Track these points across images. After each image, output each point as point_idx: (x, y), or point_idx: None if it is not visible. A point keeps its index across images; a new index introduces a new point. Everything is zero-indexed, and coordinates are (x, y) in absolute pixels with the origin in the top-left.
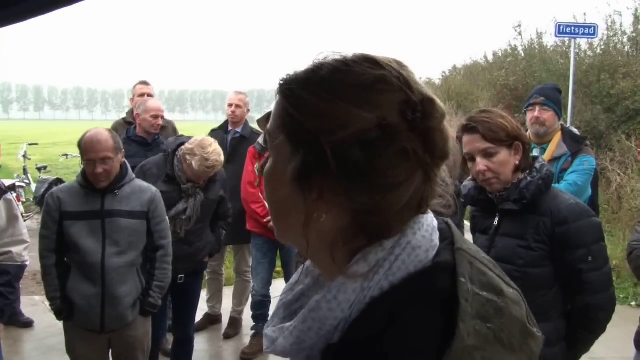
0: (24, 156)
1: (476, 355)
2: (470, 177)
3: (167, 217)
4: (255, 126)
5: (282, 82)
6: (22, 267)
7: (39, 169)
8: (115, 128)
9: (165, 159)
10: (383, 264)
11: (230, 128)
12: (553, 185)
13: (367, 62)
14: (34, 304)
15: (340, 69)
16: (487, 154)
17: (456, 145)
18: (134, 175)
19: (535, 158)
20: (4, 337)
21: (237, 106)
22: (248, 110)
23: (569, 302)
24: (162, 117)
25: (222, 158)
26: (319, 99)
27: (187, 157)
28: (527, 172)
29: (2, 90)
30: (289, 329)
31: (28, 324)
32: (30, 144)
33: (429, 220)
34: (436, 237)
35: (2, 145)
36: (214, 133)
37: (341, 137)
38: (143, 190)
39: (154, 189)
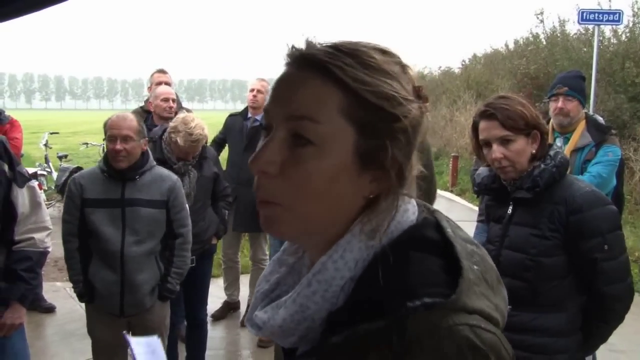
0: (46, 145)
1: (476, 289)
2: (484, 164)
3: (186, 206)
4: None
5: (332, 66)
6: (44, 254)
7: (60, 158)
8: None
9: (154, 146)
10: (383, 224)
11: (249, 115)
12: (576, 176)
13: (390, 52)
14: (56, 290)
15: (383, 58)
16: (504, 142)
17: None
18: (154, 163)
19: (550, 145)
20: (27, 322)
21: (259, 91)
22: (266, 98)
23: (584, 292)
24: (174, 100)
25: (206, 131)
26: (389, 87)
27: (172, 135)
28: (541, 160)
29: (24, 81)
30: (291, 298)
31: (50, 309)
32: (51, 133)
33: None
34: (414, 202)
35: (24, 134)
36: (232, 118)
37: (410, 119)
38: (164, 178)
39: (174, 177)
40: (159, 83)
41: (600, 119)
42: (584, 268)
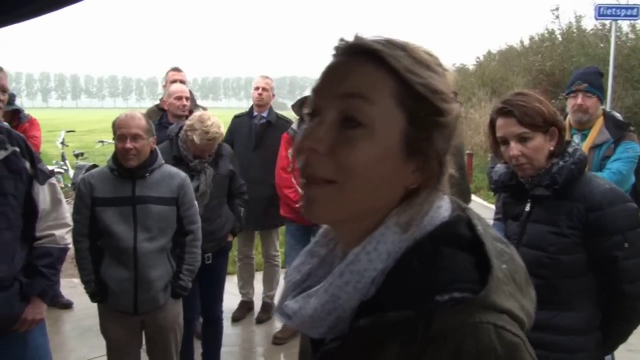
0: (62, 143)
1: (504, 288)
2: (501, 161)
3: (196, 203)
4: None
5: (387, 56)
6: (64, 250)
7: (76, 156)
8: (149, 115)
9: (171, 143)
10: (416, 218)
11: (255, 113)
12: (595, 173)
13: (433, 55)
14: (73, 286)
15: (429, 57)
16: (522, 139)
17: None
18: (163, 161)
19: (568, 142)
20: (45, 317)
21: (264, 89)
22: (273, 95)
23: (604, 290)
24: (187, 98)
25: (222, 130)
26: (437, 82)
27: (189, 133)
28: (560, 156)
29: (41, 80)
30: (323, 288)
31: (68, 305)
32: (67, 131)
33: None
34: (447, 199)
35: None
36: (238, 119)
37: (454, 114)
38: (172, 175)
39: (183, 174)
40: (174, 81)
41: (618, 116)
42: (603, 266)
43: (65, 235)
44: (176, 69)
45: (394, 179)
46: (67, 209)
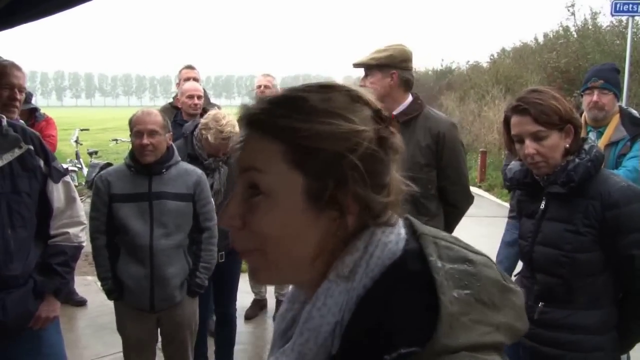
0: (76, 141)
1: (464, 319)
2: (516, 159)
3: (212, 200)
4: None
5: (261, 123)
6: (78, 248)
7: (90, 154)
8: (163, 112)
9: (186, 141)
10: (360, 264)
11: None
12: (612, 170)
13: (335, 87)
14: (87, 284)
15: (322, 96)
16: (537, 137)
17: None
18: (179, 158)
19: (584, 139)
20: (60, 315)
21: (266, 87)
22: (275, 92)
23: (620, 288)
24: (199, 97)
25: (237, 129)
26: (327, 126)
27: (203, 131)
28: (576, 154)
29: (55, 78)
30: (290, 347)
31: (82, 303)
32: (82, 130)
33: (394, 215)
34: (402, 230)
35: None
36: None
37: (360, 151)
38: (189, 172)
39: (199, 171)
40: (187, 79)
41: (635, 113)
42: (620, 264)
43: (79, 234)
44: (189, 67)
45: (312, 234)
46: (81, 207)
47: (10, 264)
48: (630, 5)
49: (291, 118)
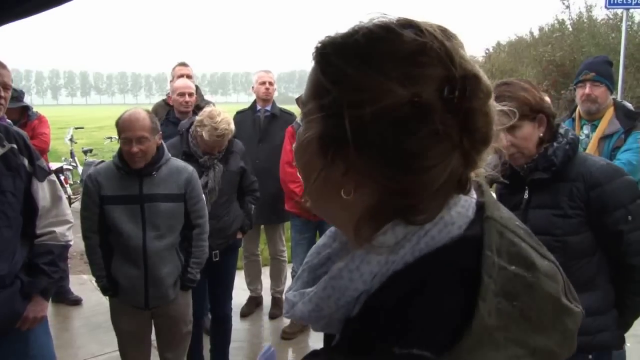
0: (71, 140)
1: (498, 336)
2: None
3: (203, 197)
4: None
5: (318, 46)
6: (65, 247)
7: (85, 152)
8: (156, 110)
9: (181, 139)
10: (411, 238)
11: (259, 107)
12: (586, 152)
13: (409, 29)
14: (82, 283)
15: (377, 35)
16: (510, 129)
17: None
18: (169, 155)
19: (557, 125)
20: (54, 314)
21: (270, 83)
22: (275, 89)
23: (613, 266)
24: (191, 94)
25: (232, 126)
26: (350, 68)
27: (198, 128)
28: (551, 140)
29: (51, 77)
30: (309, 295)
31: (77, 302)
32: (76, 128)
33: (469, 195)
34: (472, 211)
35: (51, 129)
36: (240, 115)
37: (369, 111)
38: (180, 170)
39: (190, 168)
40: (180, 76)
41: (629, 105)
42: (610, 242)
43: (66, 232)
44: (183, 64)
45: (323, 181)
46: (67, 206)
47: None
48: None
49: (333, 50)
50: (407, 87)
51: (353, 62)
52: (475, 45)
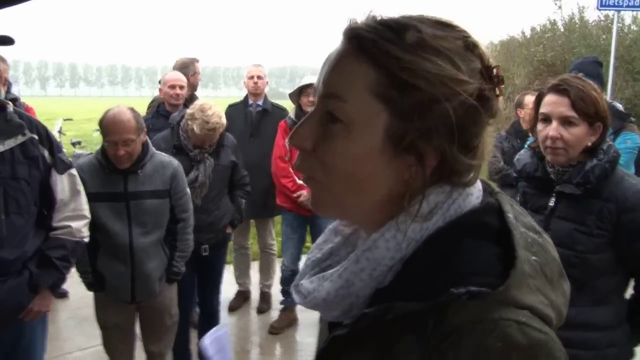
0: (59, 132)
1: (530, 282)
2: (525, 148)
3: (188, 191)
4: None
5: (365, 40)
6: (79, 244)
7: (74, 144)
8: (153, 104)
9: (172, 132)
10: (442, 206)
11: (251, 101)
12: (625, 170)
13: (454, 27)
14: (69, 276)
15: (436, 32)
16: (567, 122)
17: None
18: (154, 150)
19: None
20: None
21: (259, 77)
22: (267, 83)
23: (627, 283)
24: (181, 87)
25: (223, 120)
26: (431, 64)
27: (189, 122)
28: (593, 153)
29: (39, 68)
30: (337, 272)
31: (63, 295)
32: (65, 120)
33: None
34: (480, 186)
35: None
36: (232, 108)
37: (456, 102)
38: (164, 165)
39: (175, 162)
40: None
41: (619, 106)
42: (635, 267)
43: (82, 228)
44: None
45: (384, 175)
46: (85, 201)
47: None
48: (616, 0)
49: (397, 44)
50: (472, 79)
51: (432, 59)
52: None
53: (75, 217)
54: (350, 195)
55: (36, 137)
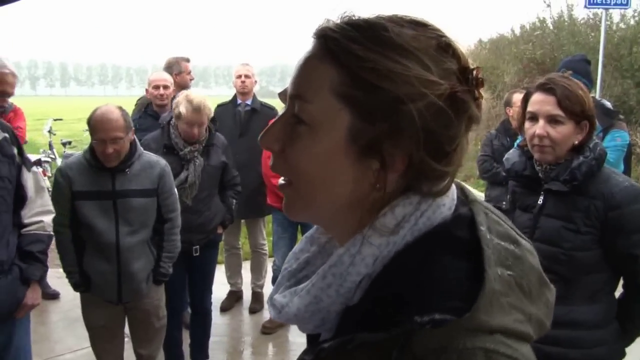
0: (50, 131)
1: (502, 300)
2: (514, 147)
3: (175, 190)
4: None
5: (329, 40)
6: (50, 237)
7: (64, 144)
8: (142, 103)
9: (162, 132)
10: (409, 219)
11: (239, 101)
12: (612, 168)
13: (427, 26)
14: (59, 277)
15: (406, 31)
16: (554, 121)
17: None
18: (142, 150)
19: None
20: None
21: (247, 76)
22: (255, 82)
23: (616, 282)
24: (165, 87)
25: (209, 104)
26: (396, 64)
27: (175, 110)
28: (580, 151)
29: (29, 67)
30: (305, 288)
31: (54, 296)
32: (55, 120)
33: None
34: (455, 194)
35: (28, 121)
36: (221, 108)
37: (420, 105)
38: (152, 165)
39: (162, 162)
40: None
41: (608, 104)
42: (622, 263)
43: (51, 222)
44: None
45: (348, 178)
46: (49, 197)
47: None
48: None
49: (360, 44)
50: (444, 79)
51: (398, 59)
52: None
53: (45, 212)
54: (318, 197)
55: (7, 135)
